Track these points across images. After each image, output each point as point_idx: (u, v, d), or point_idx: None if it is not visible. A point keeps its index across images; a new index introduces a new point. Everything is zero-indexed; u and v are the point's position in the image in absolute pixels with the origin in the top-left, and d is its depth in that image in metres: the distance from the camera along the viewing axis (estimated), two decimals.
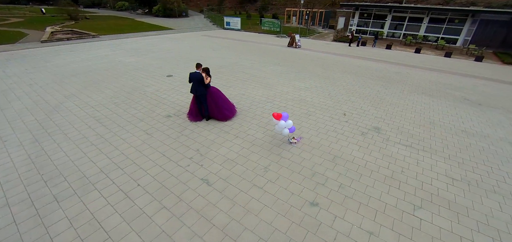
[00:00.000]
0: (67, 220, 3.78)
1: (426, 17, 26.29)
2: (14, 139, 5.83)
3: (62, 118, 6.91)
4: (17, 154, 5.30)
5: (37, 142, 5.75)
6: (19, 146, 5.58)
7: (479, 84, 12.45)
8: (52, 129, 6.33)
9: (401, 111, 8.47)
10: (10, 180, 4.53)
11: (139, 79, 10.52)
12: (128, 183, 4.60)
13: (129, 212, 3.97)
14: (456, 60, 18.91)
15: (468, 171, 5.49)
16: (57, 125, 6.54)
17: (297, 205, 4.30)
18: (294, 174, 5.08)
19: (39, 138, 5.92)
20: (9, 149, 5.44)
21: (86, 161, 5.14)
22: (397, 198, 4.58)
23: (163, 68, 12.34)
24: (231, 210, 4.13)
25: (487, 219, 4.19)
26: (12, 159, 5.13)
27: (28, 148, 5.51)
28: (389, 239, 3.74)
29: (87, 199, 4.19)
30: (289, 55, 17.33)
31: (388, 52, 20.81)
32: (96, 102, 8.04)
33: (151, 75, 11.16)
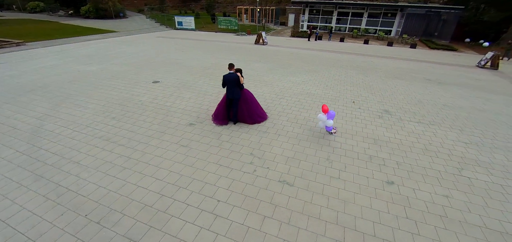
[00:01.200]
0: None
1: (365, 12, 30.04)
2: (11, 184, 4.41)
3: (55, 144, 5.52)
4: (28, 199, 4.04)
5: (43, 178, 4.48)
6: (24, 189, 4.26)
7: (429, 67, 15.05)
8: (52, 160, 5.01)
9: (391, 94, 9.62)
10: (43, 235, 3.46)
11: (121, 89, 9.14)
12: (205, 201, 4.06)
13: (234, 231, 3.53)
14: (397, 48, 22.30)
15: (469, 135, 6.69)
16: (55, 153, 5.20)
17: (377, 186, 4.53)
18: (355, 160, 5.31)
19: (42, 173, 4.63)
20: (16, 197, 4.11)
21: (133, 188, 4.28)
22: (442, 165, 5.28)
23: (141, 74, 10.99)
24: (329, 203, 4.09)
25: (492, 162, 5.23)
26: (29, 207, 3.90)
27: (39, 188, 4.26)
28: (459, 197, 4.32)
29: (171, 229, 3.53)
30: (263, 52, 17.52)
31: (344, 45, 23.10)
32: (87, 120, 6.66)
33: (133, 83, 9.82)
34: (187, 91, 9.04)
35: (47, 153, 5.22)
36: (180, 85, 9.67)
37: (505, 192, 4.58)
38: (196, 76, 10.98)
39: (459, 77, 12.83)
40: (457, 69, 14.76)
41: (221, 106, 6.71)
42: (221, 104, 6.72)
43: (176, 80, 10.32)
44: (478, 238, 3.61)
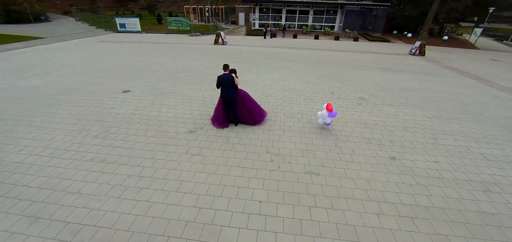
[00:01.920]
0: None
1: (311, 9, 32.46)
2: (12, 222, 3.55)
3: (35, 177, 4.58)
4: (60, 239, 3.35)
5: (41, 219, 3.73)
6: (21, 238, 3.49)
7: (376, 57, 17.31)
8: (41, 195, 4.17)
9: (359, 83, 10.85)
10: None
11: (87, 103, 8.01)
12: (247, 204, 4.02)
13: (289, 226, 3.62)
14: (344, 42, 24.88)
15: (429, 111, 8.12)
16: (41, 187, 4.33)
17: (385, 162, 5.21)
18: (358, 143, 5.95)
19: (36, 213, 3.84)
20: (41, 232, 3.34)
21: (164, 207, 3.94)
22: (422, 137, 6.34)
23: (103, 85, 9.78)
24: (356, 184, 4.53)
25: (452, 130, 6.60)
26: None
27: (42, 232, 3.54)
28: (444, 161, 5.33)
29: (228, 238, 3.43)
30: (227, 52, 17.42)
31: (298, 41, 24.60)
32: (62, 143, 5.67)
33: (98, 95, 8.69)
34: (168, 98, 8.46)
35: (29, 188, 4.31)
36: (157, 92, 8.97)
37: (471, 151, 5.79)
38: (170, 81, 10.31)
39: (402, 64, 15.16)
40: (397, 58, 17.38)
41: (220, 109, 6.55)
42: (220, 106, 6.56)
43: (149, 87, 9.51)
44: (471, 189, 4.53)
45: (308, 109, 7.81)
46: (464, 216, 3.97)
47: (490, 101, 9.28)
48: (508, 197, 4.42)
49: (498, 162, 5.42)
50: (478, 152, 5.80)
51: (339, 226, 3.69)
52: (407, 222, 3.81)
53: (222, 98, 6.21)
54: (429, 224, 3.79)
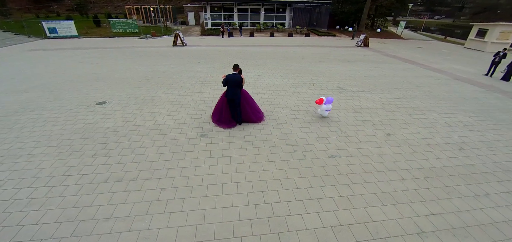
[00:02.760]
0: None
1: (261, 8, 33.54)
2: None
3: (44, 212, 3.89)
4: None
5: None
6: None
7: (332, 50, 19.16)
8: (66, 229, 3.66)
9: (331, 74, 12.01)
10: None
11: (60, 120, 6.88)
12: (302, 192, 4.29)
13: (346, 202, 4.03)
14: (297, 38, 26.62)
15: (395, 93, 9.61)
16: (62, 220, 3.77)
17: (384, 139, 6.09)
18: (357, 126, 6.75)
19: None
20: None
21: (218, 212, 3.89)
22: (401, 115, 7.57)
23: (66, 99, 8.49)
24: (373, 160, 5.24)
25: (418, 106, 8.14)
26: None
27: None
28: (424, 132, 6.55)
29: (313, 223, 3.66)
30: (192, 54, 16.87)
31: (256, 39, 25.26)
32: (56, 170, 4.81)
33: (67, 110, 7.54)
34: (156, 106, 7.92)
35: (43, 227, 3.67)
36: (139, 101, 8.28)
37: (437, 121, 7.21)
38: (146, 88, 9.57)
39: (354, 55, 17.21)
40: (348, 50, 19.59)
41: (222, 109, 6.51)
42: (222, 107, 6.52)
43: (127, 96, 8.68)
44: (451, 149, 5.73)
45: (301, 101, 8.36)
46: (456, 170, 5.03)
47: (430, 81, 11.47)
48: (476, 151, 5.74)
49: (458, 127, 6.90)
50: (442, 121, 7.24)
51: (378, 195, 4.27)
52: (422, 182, 4.63)
53: (227, 97, 6.19)
54: (438, 180, 4.70)
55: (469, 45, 23.21)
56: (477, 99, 9.14)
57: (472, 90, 10.22)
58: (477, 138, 6.33)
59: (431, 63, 15.51)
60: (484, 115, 7.76)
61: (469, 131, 6.70)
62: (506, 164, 5.29)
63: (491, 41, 20.92)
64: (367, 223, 3.71)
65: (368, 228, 3.63)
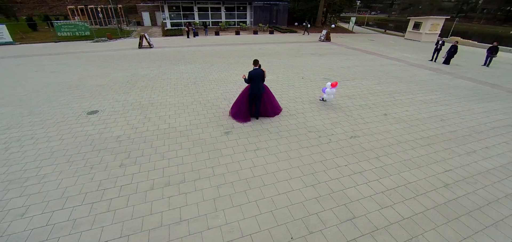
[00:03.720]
0: None
1: (222, 6, 33.39)
2: None
3: (116, 223, 3.69)
4: None
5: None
6: None
7: (302, 46, 20.34)
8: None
9: (311, 68, 12.94)
10: None
11: (53, 135, 6.06)
12: (359, 177, 4.81)
13: (389, 168, 4.70)
14: (262, 35, 27.37)
15: (373, 80, 10.95)
16: (142, 228, 3.61)
17: (384, 118, 7.08)
18: (358, 110, 7.62)
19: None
20: None
21: (297, 196, 4.20)
22: (387, 97, 8.74)
23: (47, 113, 7.46)
24: (384, 136, 6.09)
25: (396, 90, 9.58)
26: None
27: None
28: (411, 109, 7.76)
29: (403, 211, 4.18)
30: (168, 55, 16.07)
31: (223, 37, 25.16)
32: (87, 187, 4.34)
33: (56, 123, 6.66)
34: (159, 109, 7.57)
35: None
36: (137, 106, 7.78)
37: (416, 100, 8.56)
38: (136, 93, 8.99)
39: (323, 49, 18.66)
40: (315, 44, 21.07)
41: (242, 103, 6.69)
42: (242, 101, 6.69)
43: (119, 103, 8.05)
44: (435, 121, 6.95)
45: (300, 93, 8.94)
46: (446, 136, 6.20)
47: (393, 68, 13.30)
48: (452, 120, 7.09)
49: (432, 103, 8.34)
50: (419, 100, 8.63)
51: (402, 162, 5.06)
52: (428, 148, 5.63)
53: (251, 92, 6.34)
54: (438, 145, 5.75)
55: (408, 36, 27.17)
56: (433, 81, 11.03)
57: (427, 74, 12.24)
58: (449, 110, 7.78)
59: (387, 53, 17.83)
60: (445, 92, 9.47)
61: (441, 105, 8.16)
62: (476, 128, 6.70)
63: (425, 32, 24.89)
64: (407, 185, 4.42)
65: (409, 188, 4.33)
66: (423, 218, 3.73)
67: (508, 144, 5.90)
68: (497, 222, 3.72)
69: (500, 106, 8.19)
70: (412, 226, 3.59)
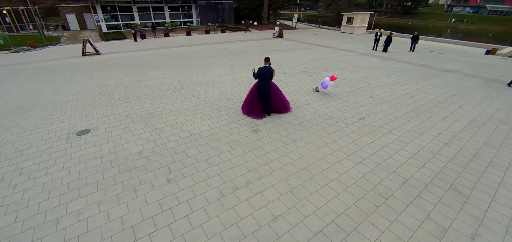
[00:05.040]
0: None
1: (165, 5, 31.40)
2: None
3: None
4: None
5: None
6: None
7: (258, 43, 21.04)
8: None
9: (285, 63, 13.77)
10: None
11: (51, 165, 5.01)
12: (376, 146, 5.64)
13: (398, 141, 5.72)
14: (215, 34, 27.07)
15: (342, 69, 12.46)
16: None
17: (373, 101, 8.39)
18: (353, 95, 8.73)
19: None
20: None
21: (368, 186, 4.75)
22: (366, 84, 10.19)
23: (21, 139, 6.03)
24: (389, 117, 7.30)
25: (367, 76, 11.33)
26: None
27: None
28: (386, 91, 9.38)
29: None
30: (125, 62, 14.38)
31: (174, 39, 23.82)
32: (140, 204, 3.91)
33: (46, 149, 5.49)
34: (166, 118, 7.02)
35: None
36: (137, 118, 6.99)
37: (384, 82, 10.26)
38: (124, 105, 8.01)
39: (284, 46, 19.83)
40: (272, 41, 22.13)
41: (253, 100, 6.89)
42: (252, 98, 6.89)
43: (112, 118, 7.08)
44: (408, 97, 8.59)
45: (294, 88, 9.55)
46: (422, 108, 7.78)
47: (350, 58, 15.32)
48: (418, 96, 8.86)
49: (398, 84, 10.16)
50: (386, 83, 10.37)
51: (408, 132, 6.22)
52: (418, 118, 7.00)
53: (258, 89, 6.59)
54: (423, 115, 7.21)
55: (344, 30, 31.14)
56: (385, 66, 13.28)
57: (378, 61, 14.59)
58: (411, 88, 9.64)
59: (337, 45, 20.20)
60: (399, 75, 11.58)
61: (403, 85, 10.02)
62: (437, 99, 8.57)
63: (356, 26, 29.01)
64: (420, 151, 5.51)
65: (425, 150, 5.43)
66: (449, 170, 4.81)
67: (462, 108, 7.82)
68: (492, 161, 5.09)
69: (441, 81, 10.60)
70: (445, 177, 4.61)
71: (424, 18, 67.44)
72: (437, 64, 14.03)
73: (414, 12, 72.19)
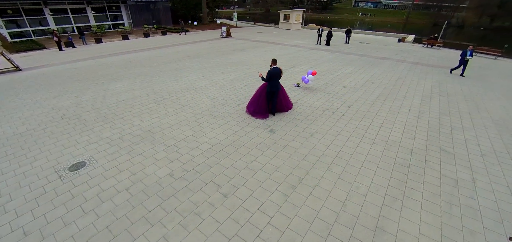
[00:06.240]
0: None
1: (87, 6, 27.12)
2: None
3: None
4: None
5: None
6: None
7: (210, 44, 20.63)
8: None
9: (250, 62, 14.17)
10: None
11: (65, 207, 4.28)
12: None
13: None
14: (158, 37, 25.09)
15: (306, 64, 13.71)
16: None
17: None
18: (329, 85, 9.93)
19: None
20: None
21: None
22: (328, 75, 11.65)
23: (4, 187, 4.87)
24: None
25: (341, 71, 12.98)
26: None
27: None
28: (369, 74, 11.04)
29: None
30: (64, 77, 12.08)
31: (111, 45, 20.97)
32: (213, 228, 3.96)
33: (41, 193, 4.53)
34: (173, 132, 6.50)
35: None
36: (138, 140, 6.22)
37: (345, 72, 11.95)
38: (109, 127, 6.93)
39: (237, 45, 20.04)
40: (223, 41, 22.05)
41: (262, 100, 7.17)
42: (260, 99, 7.18)
43: (101, 146, 6.11)
44: (371, 84, 10.37)
45: None
46: (386, 92, 9.51)
47: (304, 53, 16.88)
48: (377, 82, 10.73)
49: (356, 74, 11.93)
50: (346, 72, 12.07)
51: (393, 113, 7.66)
52: (391, 102, 8.61)
53: (269, 90, 6.93)
54: (390, 98, 8.88)
55: (282, 27, 33.41)
56: (337, 58, 15.28)
57: (327, 54, 16.60)
58: (367, 75, 11.54)
59: (285, 41, 21.73)
60: (351, 65, 13.59)
61: (360, 74, 11.89)
62: (391, 82, 10.58)
63: (293, 22, 31.63)
64: (406, 126, 6.94)
65: (408, 125, 6.87)
66: (432, 137, 6.29)
67: (411, 88, 9.92)
68: (451, 125, 6.87)
69: (384, 68, 12.99)
70: (433, 142, 6.03)
71: (338, 13, 78.32)
72: (372, 53, 16.96)
73: (330, 7, 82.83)
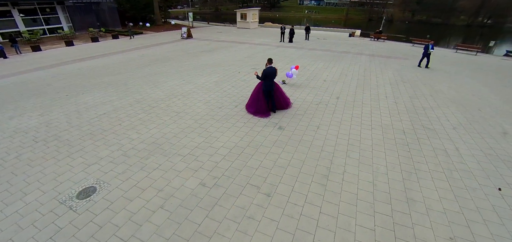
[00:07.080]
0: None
1: (13, 9, 22.98)
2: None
3: None
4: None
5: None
6: None
7: (174, 46, 19.62)
8: None
9: (226, 63, 14.07)
10: None
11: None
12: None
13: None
14: (109, 41, 22.71)
15: (282, 61, 14.27)
16: None
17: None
18: (313, 80, 10.66)
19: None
20: None
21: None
22: (309, 71, 12.46)
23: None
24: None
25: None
26: None
27: None
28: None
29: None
30: (18, 92, 10.18)
31: (55, 52, 18.20)
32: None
33: (44, 210, 4.18)
34: (182, 141, 6.17)
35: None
36: (147, 154, 5.71)
37: (322, 67, 12.93)
38: (104, 147, 6.17)
39: (202, 46, 19.52)
40: (186, 43, 21.22)
41: (261, 100, 7.37)
42: (259, 99, 7.38)
43: (104, 166, 5.45)
44: (356, 74, 11.50)
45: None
46: (367, 83, 10.69)
47: (274, 51, 17.46)
48: (351, 75, 11.93)
49: (329, 68, 12.99)
50: (321, 67, 13.04)
51: (380, 102, 8.70)
52: (376, 92, 9.74)
53: (265, 89, 7.17)
54: (373, 89, 10.05)
55: (240, 26, 33.63)
56: (305, 54, 16.29)
57: (295, 51, 17.52)
58: (339, 69, 12.67)
59: (249, 40, 22.06)
60: (320, 60, 14.68)
61: (333, 68, 12.97)
62: (360, 74, 11.85)
63: (251, 21, 32.18)
64: (390, 111, 8.00)
65: (391, 109, 7.95)
66: (414, 118, 7.41)
67: (378, 77, 11.31)
68: (423, 106, 8.16)
69: (349, 61, 14.42)
70: (416, 122, 7.12)
71: (286, 11, 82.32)
72: (333, 48, 18.56)
73: (277, 6, 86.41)
